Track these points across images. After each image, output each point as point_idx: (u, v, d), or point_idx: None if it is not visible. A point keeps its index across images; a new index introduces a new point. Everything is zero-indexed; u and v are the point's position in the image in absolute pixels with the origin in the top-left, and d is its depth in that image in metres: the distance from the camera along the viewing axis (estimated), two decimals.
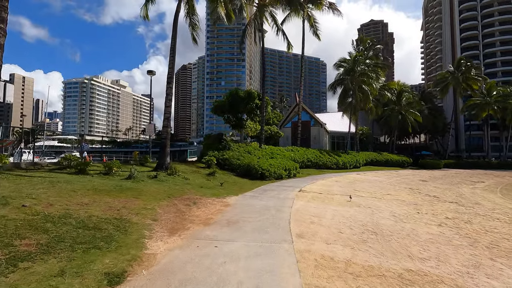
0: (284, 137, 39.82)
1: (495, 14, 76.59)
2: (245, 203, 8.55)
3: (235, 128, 23.02)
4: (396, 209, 9.23)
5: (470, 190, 19.20)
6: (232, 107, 22.04)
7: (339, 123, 49.90)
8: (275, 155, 21.32)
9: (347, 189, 14.28)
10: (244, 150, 19.64)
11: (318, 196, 10.97)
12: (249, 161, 16.85)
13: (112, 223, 4.77)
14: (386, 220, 7.32)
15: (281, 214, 7.05)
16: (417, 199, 12.51)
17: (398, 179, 23.62)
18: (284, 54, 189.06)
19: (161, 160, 12.41)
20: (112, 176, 10.24)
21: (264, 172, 15.99)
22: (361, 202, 10.35)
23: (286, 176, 17.97)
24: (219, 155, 18.12)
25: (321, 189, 13.48)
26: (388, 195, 13.18)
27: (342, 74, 35.23)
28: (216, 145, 19.68)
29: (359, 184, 17.73)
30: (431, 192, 15.93)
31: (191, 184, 11.18)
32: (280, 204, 8.51)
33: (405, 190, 16.03)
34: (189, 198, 8.24)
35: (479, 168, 42.51)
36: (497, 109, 47.03)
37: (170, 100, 12.61)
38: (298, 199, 9.92)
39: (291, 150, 25.02)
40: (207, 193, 9.72)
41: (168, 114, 12.60)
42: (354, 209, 8.69)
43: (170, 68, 12.72)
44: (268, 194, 10.67)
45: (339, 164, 29.21)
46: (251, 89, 21.91)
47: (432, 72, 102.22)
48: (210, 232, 5.05)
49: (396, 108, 45.38)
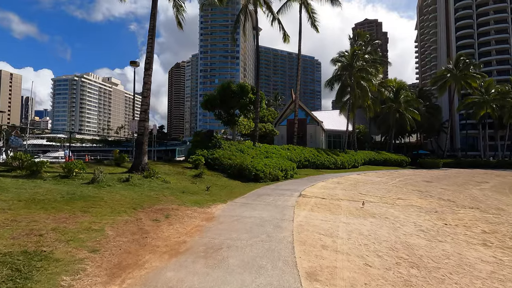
0: (279, 136, 38.12)
1: (490, 13, 76.22)
2: (234, 214, 6.77)
3: (227, 124, 21.20)
4: (418, 220, 7.57)
5: (479, 191, 17.78)
6: (224, 102, 20.22)
7: (335, 121, 48.49)
8: (271, 154, 19.60)
9: (352, 193, 12.63)
10: (236, 148, 17.85)
11: (322, 203, 9.27)
12: (241, 160, 15.08)
13: (11, 262, 2.95)
14: (416, 238, 5.63)
15: (281, 232, 5.30)
16: (433, 205, 10.92)
17: (401, 179, 22.14)
18: (278, 52, 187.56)
19: (137, 160, 10.53)
20: (72, 180, 8.35)
21: (258, 173, 14.25)
22: (373, 209, 8.69)
23: (283, 178, 16.26)
24: (208, 154, 16.30)
25: (324, 193, 11.79)
26: (399, 200, 11.57)
27: (340, 70, 33.70)
28: (206, 143, 17.85)
29: (363, 186, 16.13)
30: (443, 195, 14.42)
31: (171, 188, 9.35)
32: (278, 216, 6.76)
33: (414, 193, 14.47)
34: (162, 209, 6.42)
35: (477, 168, 41.57)
36: (495, 107, 46.15)
37: (148, 90, 10.76)
38: (299, 207, 8.19)
39: (287, 149, 23.34)
40: (188, 200, 7.91)
41: (145, 105, 10.72)
42: (370, 221, 7.00)
43: (149, 52, 10.85)
44: (263, 201, 8.92)
45: (338, 163, 27.67)
46: (245, 82, 20.15)
47: (427, 71, 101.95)
48: (175, 274, 3.25)
49: (394, 106, 44.08)
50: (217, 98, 20.11)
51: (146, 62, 10.80)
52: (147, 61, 10.77)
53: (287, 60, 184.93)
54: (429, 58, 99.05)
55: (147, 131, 11.09)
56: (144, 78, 10.79)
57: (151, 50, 10.86)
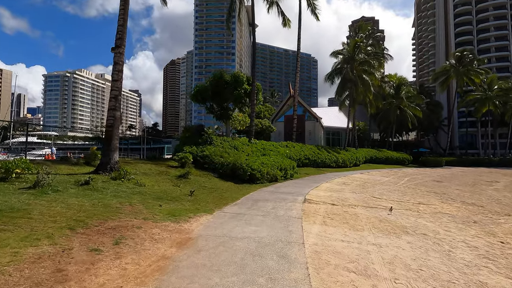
0: (276, 133, 36.22)
1: (490, 9, 75.04)
2: (221, 233, 4.85)
3: (220, 119, 19.21)
4: (465, 237, 5.74)
5: (497, 192, 16.11)
6: (216, 94, 18.22)
7: (333, 118, 46.73)
8: (268, 152, 17.70)
9: (364, 196, 10.79)
10: (230, 145, 15.90)
11: (334, 211, 7.39)
12: (235, 158, 13.15)
13: None
14: (489, 274, 3.79)
15: (290, 270, 3.39)
16: (463, 211, 9.14)
17: (408, 179, 20.44)
18: (275, 49, 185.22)
19: (105, 158, 8.52)
20: (9, 183, 6.35)
21: (255, 173, 12.35)
22: (400, 220, 6.85)
23: (282, 178, 14.38)
24: (197, 151, 14.34)
25: (332, 197, 9.94)
26: (421, 205, 9.76)
27: (341, 63, 31.84)
28: (195, 139, 15.87)
29: (372, 187, 14.33)
30: (464, 198, 12.69)
31: (143, 193, 7.39)
32: (283, 235, 4.86)
33: (431, 196, 12.70)
34: (115, 228, 4.48)
35: (480, 166, 40.23)
36: (498, 104, 44.81)
37: (119, 71, 8.75)
38: (307, 218, 6.30)
39: (286, 146, 21.46)
40: (162, 211, 5.97)
41: (116, 91, 8.70)
42: (407, 240, 5.14)
43: (120, 26, 8.82)
44: (261, 209, 7.02)
45: (339, 162, 25.90)
46: (239, 71, 18.16)
47: (424, 69, 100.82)
48: None
49: (395, 102, 42.44)
50: (209, 89, 18.09)
51: (117, 37, 8.77)
52: (118, 37, 8.75)
53: (283, 57, 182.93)
54: (427, 56, 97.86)
55: (118, 122, 9.08)
56: (114, 57, 8.76)
57: (123, 23, 8.83)
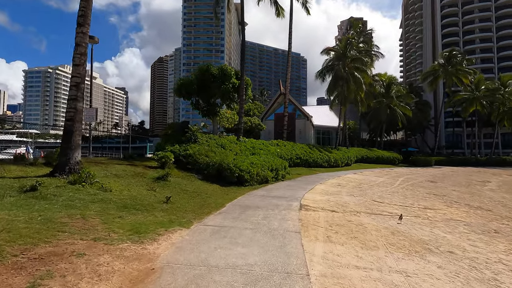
0: (266, 131, 35.10)
1: (475, 11, 76.44)
2: (196, 261, 3.60)
3: (206, 115, 17.83)
4: (498, 254, 4.73)
5: (493, 193, 15.55)
6: (202, 88, 16.84)
7: (324, 117, 46.04)
8: (258, 151, 16.50)
9: (364, 200, 9.75)
10: (216, 143, 14.60)
11: (337, 221, 6.27)
12: (221, 158, 11.87)
13: None
14: None
15: None
16: (474, 217, 8.23)
17: (403, 179, 19.72)
18: (264, 48, 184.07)
19: (63, 158, 7.06)
20: None
21: (243, 174, 11.12)
22: (414, 231, 5.79)
23: (273, 179, 13.22)
24: (180, 150, 12.98)
25: (330, 202, 8.84)
26: (427, 210, 8.80)
27: (333, 60, 30.98)
28: (179, 136, 14.50)
29: (369, 189, 13.37)
30: (467, 201, 11.89)
31: (107, 201, 6.03)
32: (279, 261, 3.67)
33: (433, 198, 11.83)
34: (44, 258, 3.16)
35: (468, 165, 40.44)
36: (485, 104, 45.21)
37: (81, 55, 7.32)
38: (307, 232, 5.14)
39: (277, 144, 20.33)
40: (123, 225, 4.65)
41: (77, 78, 7.24)
42: (436, 263, 4.04)
43: (83, 1, 7.39)
44: (250, 220, 5.81)
45: (331, 161, 24.99)
46: (226, 65, 16.86)
47: (412, 69, 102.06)
48: None
49: (385, 101, 42.09)
50: (194, 83, 16.69)
51: (80, 15, 7.30)
52: (81, 14, 7.28)
53: (273, 56, 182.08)
54: (414, 56, 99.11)
55: (80, 115, 7.64)
56: (76, 38, 7.31)
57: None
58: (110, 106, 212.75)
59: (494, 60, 72.59)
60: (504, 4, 73.02)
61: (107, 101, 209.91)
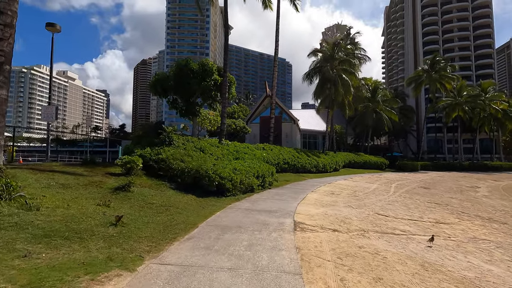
0: (251, 135, 33.55)
1: (454, 21, 78.96)
2: None
3: (185, 115, 16.00)
4: None
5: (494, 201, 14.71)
6: (180, 85, 15.05)
7: (311, 120, 45.12)
8: (242, 155, 14.85)
9: (365, 213, 8.31)
10: (195, 146, 12.83)
11: (344, 248, 4.73)
12: (199, 163, 10.13)
13: None
14: None
15: None
16: (494, 232, 6.96)
17: (396, 186, 18.66)
18: (250, 52, 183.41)
19: None
20: None
21: (224, 182, 9.43)
22: (449, 263, 4.35)
23: (259, 187, 11.59)
24: (151, 154, 11.12)
25: (328, 215, 7.31)
26: (441, 225, 7.46)
27: (321, 61, 30.00)
28: (151, 138, 12.63)
29: (366, 197, 12.02)
30: (472, 210, 10.78)
31: (23, 226, 4.19)
32: None
33: (437, 208, 10.62)
34: None
35: (452, 170, 40.54)
36: (467, 109, 45.86)
37: (7, 26, 5.40)
38: (311, 272, 3.54)
39: (263, 148, 18.78)
40: (18, 277, 2.89)
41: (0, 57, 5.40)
42: None
43: None
44: (229, 251, 4.16)
45: (319, 166, 23.71)
46: (208, 59, 15.15)
47: (394, 76, 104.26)
48: None
49: (371, 105, 41.69)
50: (172, 79, 14.88)
51: None
52: None
53: (258, 61, 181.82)
54: (396, 63, 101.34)
55: (4, 106, 5.75)
56: None
57: None
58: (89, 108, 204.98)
59: (472, 67, 74.91)
60: (481, 14, 75.98)
61: (86, 103, 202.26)
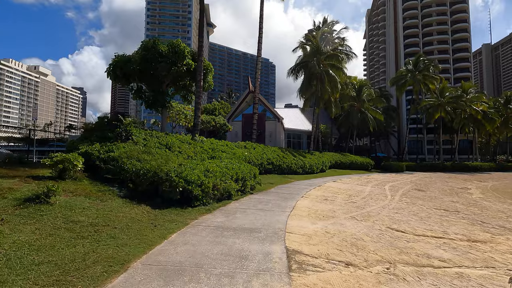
0: (233, 132, 31.33)
1: (434, 24, 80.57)
2: None
3: (152, 107, 13.49)
4: None
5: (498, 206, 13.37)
6: (146, 70, 12.58)
7: (295, 119, 43.51)
8: (219, 154, 12.60)
9: (374, 227, 6.35)
10: (159, 142, 10.43)
11: None
12: (159, 163, 7.80)
13: None
14: None
15: None
16: None
17: (389, 188, 17.11)
18: (233, 52, 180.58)
19: None
20: None
21: (191, 187, 7.14)
22: None
23: (239, 192, 9.40)
24: (101, 150, 8.67)
25: (331, 235, 5.27)
26: (477, 244, 5.66)
27: (308, 56, 28.25)
28: (105, 132, 10.13)
29: (365, 204, 10.14)
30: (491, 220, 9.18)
31: None
32: None
33: (452, 218, 8.92)
34: None
35: (436, 171, 40.28)
36: (449, 110, 45.99)
37: None
38: None
39: (245, 147, 16.62)
40: None
41: None
42: None
43: None
44: None
45: (306, 167, 21.87)
46: (180, 41, 12.74)
47: (375, 78, 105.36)
48: None
49: (356, 104, 40.63)
50: (136, 62, 12.39)
51: None
52: None
53: (241, 60, 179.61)
54: (378, 65, 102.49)
55: None
56: None
57: None
58: (63, 106, 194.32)
59: (451, 70, 76.53)
60: (458, 18, 78.03)
61: (60, 101, 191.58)
